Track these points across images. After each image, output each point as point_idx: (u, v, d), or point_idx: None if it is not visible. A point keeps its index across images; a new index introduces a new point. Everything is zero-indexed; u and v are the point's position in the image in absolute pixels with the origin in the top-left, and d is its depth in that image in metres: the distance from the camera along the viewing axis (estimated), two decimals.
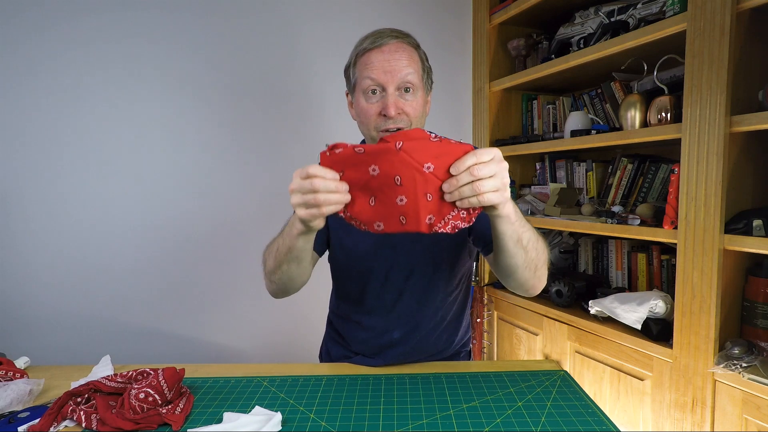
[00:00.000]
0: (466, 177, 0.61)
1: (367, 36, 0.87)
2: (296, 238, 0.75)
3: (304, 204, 0.65)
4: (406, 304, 0.94)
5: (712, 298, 1.15)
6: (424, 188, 0.63)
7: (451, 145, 0.62)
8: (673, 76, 1.36)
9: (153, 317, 1.65)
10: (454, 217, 0.65)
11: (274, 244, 0.84)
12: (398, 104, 0.84)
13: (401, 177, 0.62)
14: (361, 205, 0.67)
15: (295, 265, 0.82)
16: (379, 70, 0.83)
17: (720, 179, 1.13)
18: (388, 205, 0.65)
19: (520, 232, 0.73)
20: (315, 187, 0.63)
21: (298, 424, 0.72)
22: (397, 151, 0.61)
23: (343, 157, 0.63)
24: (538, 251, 0.78)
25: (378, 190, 0.65)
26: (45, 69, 1.48)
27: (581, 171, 1.80)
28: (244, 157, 1.73)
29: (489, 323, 1.93)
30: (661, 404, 1.27)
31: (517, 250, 0.75)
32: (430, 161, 0.62)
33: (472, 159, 0.61)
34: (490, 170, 0.62)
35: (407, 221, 0.65)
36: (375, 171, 0.63)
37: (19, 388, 0.79)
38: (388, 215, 0.66)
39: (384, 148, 0.61)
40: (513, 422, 0.72)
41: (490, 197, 0.62)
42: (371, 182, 0.64)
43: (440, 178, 0.63)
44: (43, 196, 1.51)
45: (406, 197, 0.63)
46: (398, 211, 0.65)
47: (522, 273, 0.79)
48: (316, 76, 1.80)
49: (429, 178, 0.62)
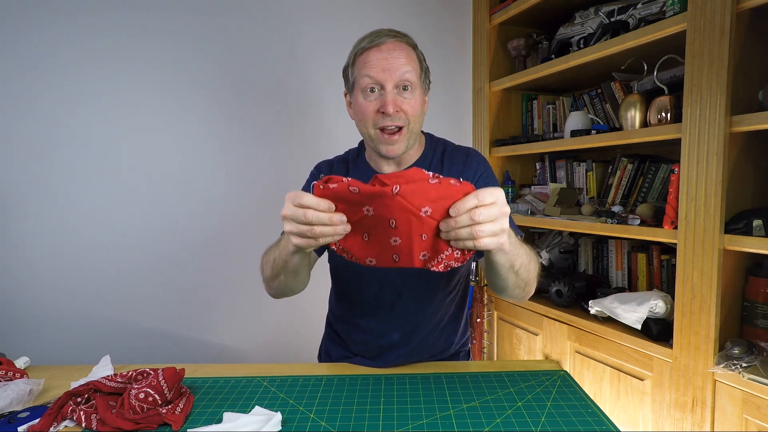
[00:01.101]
0: (465, 220, 0.59)
1: (366, 36, 0.87)
2: (291, 256, 0.75)
3: (299, 234, 0.63)
4: (404, 305, 0.94)
5: (712, 298, 1.15)
6: (420, 230, 0.61)
7: (451, 187, 0.59)
8: (673, 76, 1.36)
9: (153, 317, 1.65)
10: (448, 257, 0.64)
11: (271, 254, 0.83)
12: (397, 102, 0.84)
13: (396, 221, 0.60)
14: (354, 239, 0.65)
15: (291, 277, 0.83)
16: (377, 69, 0.84)
17: (720, 179, 1.13)
18: (382, 243, 0.64)
19: (513, 259, 0.73)
20: (309, 220, 0.61)
21: (298, 424, 0.72)
22: (393, 196, 0.58)
23: (336, 192, 0.60)
24: (529, 272, 0.80)
25: (372, 228, 0.63)
26: (45, 69, 1.48)
27: (581, 171, 1.80)
28: (244, 158, 1.73)
29: (489, 323, 1.93)
30: (661, 404, 1.27)
31: (509, 274, 0.76)
32: (428, 205, 0.59)
33: (473, 201, 0.59)
34: (491, 214, 0.59)
35: (400, 260, 0.64)
36: (369, 212, 0.61)
37: (19, 388, 0.79)
38: (381, 252, 0.65)
39: (380, 192, 0.58)
40: (513, 422, 0.72)
41: (487, 242, 0.60)
42: (365, 220, 0.62)
43: (437, 220, 0.61)
44: (43, 197, 1.51)
45: (401, 239, 0.62)
46: (391, 250, 0.64)
47: (512, 291, 0.81)
48: (316, 77, 1.80)
49: (425, 221, 0.61)
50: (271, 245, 0.87)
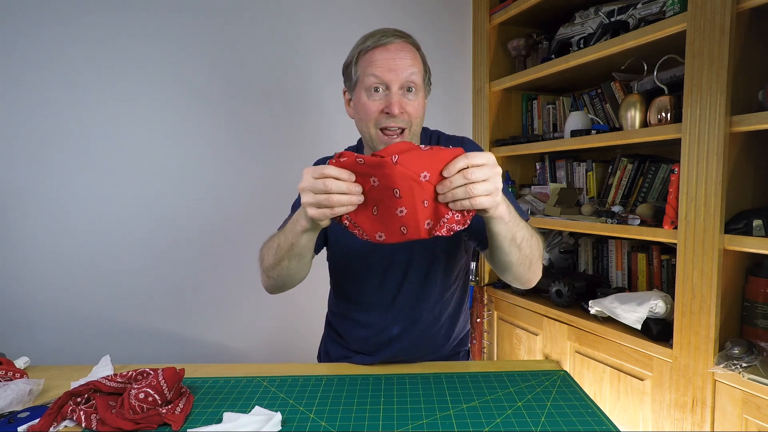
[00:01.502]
0: (458, 179, 0.62)
1: (371, 34, 0.87)
2: (300, 235, 0.75)
3: (316, 203, 0.65)
4: (404, 299, 0.95)
5: (712, 298, 1.15)
6: (422, 196, 0.64)
7: (443, 151, 0.63)
8: (673, 76, 1.36)
9: (153, 317, 1.65)
10: (449, 219, 0.66)
11: (274, 241, 0.84)
12: (401, 103, 0.84)
13: (400, 189, 0.63)
14: (364, 213, 0.68)
15: (296, 261, 0.82)
16: (383, 69, 0.83)
17: (720, 179, 1.13)
18: (389, 216, 0.66)
19: (514, 231, 0.74)
20: (329, 188, 0.63)
21: (298, 424, 0.72)
22: (393, 165, 0.62)
23: (347, 165, 0.64)
24: (532, 248, 0.80)
25: (379, 201, 0.66)
26: (44, 69, 1.48)
27: (581, 171, 1.80)
28: (244, 158, 1.73)
29: (489, 323, 1.93)
30: (661, 404, 1.27)
31: (511, 248, 0.76)
32: (426, 170, 0.63)
33: (463, 161, 0.62)
34: (484, 174, 0.62)
35: (408, 231, 0.67)
36: (375, 182, 0.64)
37: (19, 388, 0.79)
38: (390, 225, 0.67)
39: (381, 161, 0.62)
40: (513, 422, 0.72)
41: (482, 201, 0.63)
42: (372, 192, 0.65)
43: (435, 185, 0.64)
44: (43, 196, 1.51)
45: (406, 208, 0.65)
46: (399, 222, 0.66)
47: (517, 269, 0.81)
48: (316, 76, 1.80)
49: (426, 187, 0.63)
50: (272, 235, 0.87)
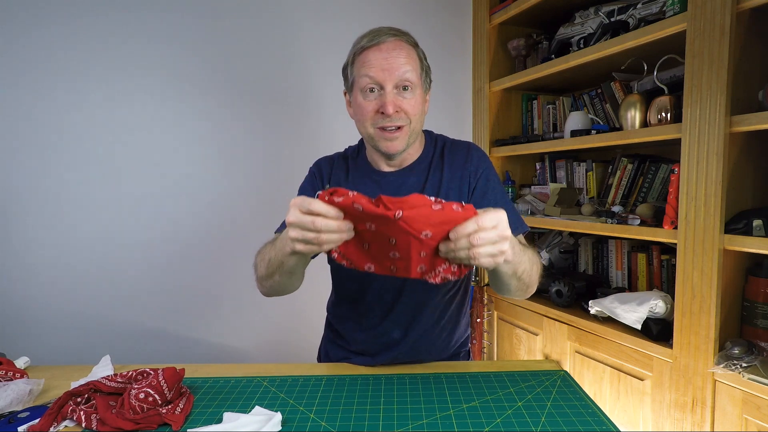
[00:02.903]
0: (464, 244, 0.60)
1: (365, 34, 0.87)
2: (288, 257, 0.75)
3: (303, 240, 0.63)
4: (405, 303, 0.94)
5: (712, 298, 1.15)
6: (419, 249, 0.63)
7: (453, 213, 0.60)
8: (673, 76, 1.36)
9: (153, 317, 1.65)
10: (445, 270, 0.66)
11: (267, 254, 0.83)
12: (396, 102, 0.84)
13: (396, 240, 0.62)
14: (354, 247, 0.67)
15: (286, 277, 0.83)
16: (377, 68, 0.83)
17: (720, 179, 1.13)
18: (381, 254, 0.66)
19: (516, 267, 0.74)
20: (317, 227, 0.61)
21: (298, 424, 0.72)
22: (395, 221, 0.59)
23: (341, 206, 0.61)
24: (531, 276, 0.81)
25: (372, 241, 0.65)
26: (44, 70, 1.48)
27: (581, 171, 1.80)
28: (244, 158, 1.73)
29: (489, 323, 1.93)
30: (661, 404, 1.27)
31: (511, 281, 0.78)
32: (429, 229, 0.61)
33: (472, 226, 0.60)
34: (490, 238, 0.60)
35: (397, 271, 0.67)
36: (371, 227, 0.63)
37: (19, 388, 0.79)
38: (381, 262, 0.67)
39: (382, 214, 0.59)
40: (513, 422, 0.72)
41: (484, 262, 0.62)
42: (366, 233, 0.64)
43: (437, 242, 0.63)
44: (43, 197, 1.51)
45: (400, 254, 0.64)
46: (390, 262, 0.66)
47: (514, 293, 0.84)
48: (316, 77, 1.80)
49: (425, 242, 0.62)
50: (266, 243, 0.87)
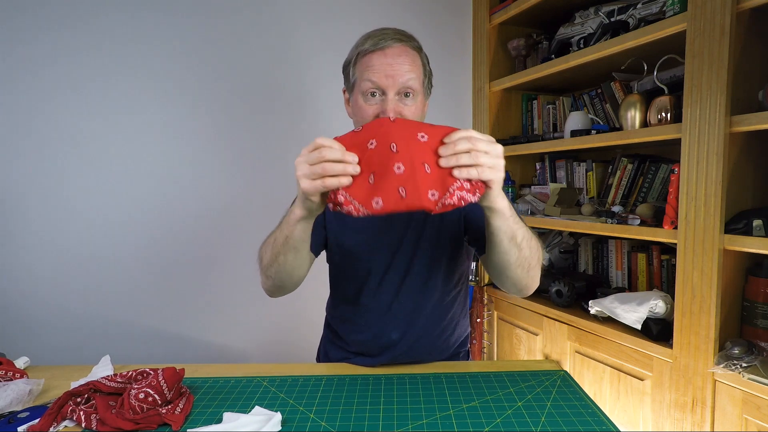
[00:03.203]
0: (463, 143, 0.63)
1: (370, 35, 0.85)
2: (294, 226, 0.75)
3: (309, 174, 0.65)
4: (402, 304, 0.94)
5: (712, 298, 1.15)
6: (421, 156, 0.64)
7: (441, 126, 0.67)
8: (673, 76, 1.36)
9: (153, 317, 1.65)
10: (459, 187, 0.64)
11: (271, 237, 0.84)
12: (397, 109, 0.83)
13: (397, 144, 0.64)
14: (359, 184, 0.65)
15: (292, 255, 0.81)
16: (380, 74, 0.82)
17: (720, 179, 1.13)
18: (387, 176, 0.63)
19: (514, 228, 0.74)
20: (323, 156, 0.64)
21: (298, 424, 0.72)
22: (391, 122, 0.66)
23: (344, 139, 0.67)
24: (531, 249, 0.79)
25: (376, 164, 0.65)
26: (44, 70, 1.48)
27: (581, 171, 1.80)
28: (242, 158, 1.73)
29: (489, 323, 1.93)
30: (661, 404, 1.27)
31: (510, 247, 0.75)
32: (424, 131, 0.66)
33: (464, 132, 0.64)
34: (486, 146, 0.64)
35: (407, 193, 0.62)
36: (372, 144, 0.65)
37: (19, 388, 0.79)
38: (387, 189, 0.63)
39: (379, 121, 0.67)
40: (513, 422, 0.72)
41: (487, 172, 0.64)
42: (370, 157, 0.65)
43: (434, 149, 0.65)
44: (43, 197, 1.51)
45: (403, 164, 0.63)
46: (397, 182, 0.63)
47: (514, 271, 0.80)
48: (316, 76, 1.80)
49: (424, 147, 0.65)
50: (269, 234, 0.87)
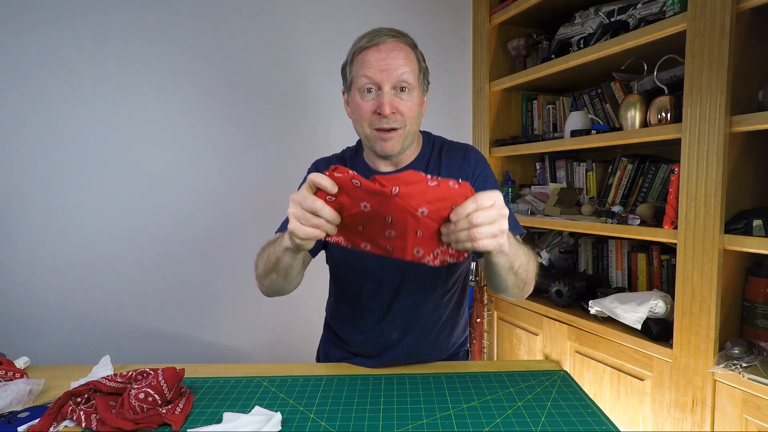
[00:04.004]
0: (464, 224, 0.60)
1: (365, 35, 0.87)
2: (284, 253, 0.75)
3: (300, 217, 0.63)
4: (402, 304, 0.94)
5: (712, 298, 1.15)
6: (415, 227, 0.63)
7: (449, 189, 0.60)
8: (673, 76, 1.36)
9: (153, 317, 1.65)
10: (443, 252, 0.65)
11: (266, 251, 0.84)
12: (393, 103, 0.84)
13: (392, 217, 0.62)
14: (349, 228, 0.66)
15: (282, 277, 0.83)
16: (375, 69, 0.83)
17: (720, 179, 1.13)
18: (376, 235, 0.65)
19: (513, 260, 0.74)
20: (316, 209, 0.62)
21: (298, 424, 0.72)
22: (391, 197, 0.59)
23: (340, 182, 0.62)
24: (528, 272, 0.81)
25: (367, 221, 0.64)
26: (43, 69, 1.48)
27: (581, 171, 1.80)
28: (242, 158, 1.73)
29: (489, 323, 1.93)
30: (661, 404, 1.27)
31: (508, 275, 0.77)
32: (425, 206, 0.60)
33: (472, 205, 0.60)
34: (489, 217, 0.60)
35: (393, 251, 0.66)
36: (366, 208, 0.62)
37: (19, 388, 0.79)
38: (375, 241, 0.66)
39: (379, 190, 0.59)
40: (513, 422, 0.72)
41: (486, 243, 0.61)
42: (361, 215, 0.63)
43: (433, 220, 0.62)
44: (43, 197, 1.51)
45: (396, 233, 0.64)
46: (385, 242, 0.65)
47: (511, 291, 0.83)
48: (315, 76, 1.80)
49: (421, 220, 0.62)
50: (268, 242, 0.87)
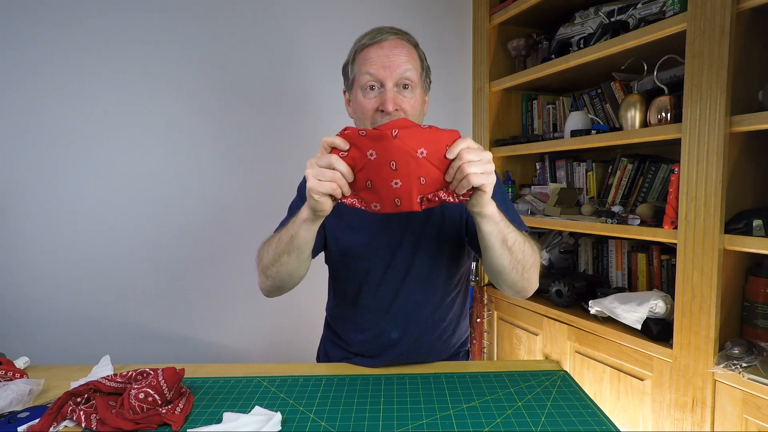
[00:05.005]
0: (457, 162, 0.67)
1: (367, 33, 0.87)
2: (300, 226, 0.76)
3: (318, 174, 0.68)
4: (402, 304, 0.94)
5: (712, 298, 1.15)
6: (417, 172, 0.68)
7: (440, 132, 0.68)
8: (673, 76, 1.36)
9: (153, 317, 1.65)
10: (446, 192, 0.70)
11: (274, 238, 0.85)
12: (396, 100, 0.84)
13: (396, 162, 0.67)
14: (358, 186, 0.71)
15: (295, 255, 0.81)
16: (378, 66, 0.84)
17: (720, 179, 1.13)
18: (384, 188, 0.69)
19: (505, 232, 0.75)
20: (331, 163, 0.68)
21: (298, 424, 0.72)
22: (392, 138, 0.66)
23: (350, 138, 0.69)
24: (525, 253, 0.80)
25: (374, 175, 0.69)
26: (42, 69, 1.48)
27: (581, 171, 1.80)
28: (242, 157, 1.73)
29: (489, 323, 1.93)
30: (661, 404, 1.27)
31: (503, 251, 0.77)
32: (423, 147, 0.67)
33: (463, 143, 0.67)
34: (477, 155, 0.67)
35: (402, 203, 0.70)
36: (372, 156, 0.68)
37: (19, 388, 0.79)
38: (384, 197, 0.70)
39: (381, 133, 0.66)
40: (513, 422, 0.72)
41: (477, 179, 0.67)
42: (369, 166, 0.69)
43: (432, 163, 0.68)
44: (42, 196, 1.51)
45: (401, 181, 0.68)
46: (393, 194, 0.69)
47: (509, 274, 0.81)
48: (315, 76, 1.80)
49: (422, 163, 0.67)
50: (270, 236, 0.87)
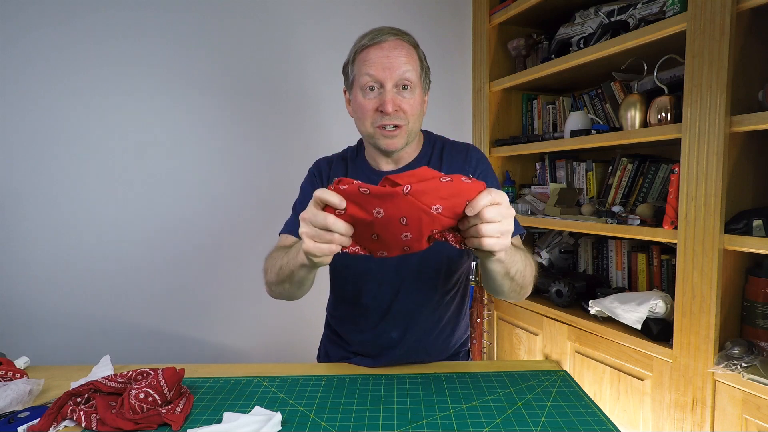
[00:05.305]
0: (476, 220, 0.60)
1: (367, 33, 0.87)
2: (299, 269, 0.75)
3: (313, 235, 0.62)
4: (402, 304, 0.94)
5: (712, 298, 1.15)
6: (431, 226, 0.61)
7: (463, 184, 0.59)
8: (673, 76, 1.36)
9: (153, 317, 1.65)
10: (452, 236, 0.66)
11: (278, 260, 0.82)
12: (396, 101, 0.84)
13: (407, 218, 0.60)
14: (363, 238, 0.65)
15: (296, 287, 0.83)
16: (377, 67, 0.84)
17: (720, 179, 1.13)
18: (392, 240, 0.64)
19: (509, 266, 0.74)
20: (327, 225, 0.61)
21: (298, 424, 0.72)
22: (404, 196, 0.57)
23: (347, 193, 0.59)
24: (525, 277, 0.81)
25: (382, 228, 0.62)
26: (42, 70, 1.48)
27: (581, 171, 1.80)
28: (243, 158, 1.73)
29: (489, 323, 1.93)
30: (661, 404, 1.27)
31: (504, 281, 0.77)
32: (439, 203, 0.59)
33: (487, 198, 0.59)
34: (500, 213, 0.60)
35: (411, 249, 0.66)
36: (380, 214, 0.60)
37: (19, 388, 0.79)
38: (393, 247, 0.65)
39: (391, 192, 0.57)
40: (513, 422, 0.72)
41: (491, 243, 0.61)
42: (376, 222, 0.61)
43: (448, 217, 0.61)
44: (43, 196, 1.51)
45: (411, 234, 0.62)
46: (402, 244, 0.64)
47: (507, 295, 0.84)
48: (315, 76, 1.80)
49: (436, 218, 0.60)
50: (276, 247, 0.88)
